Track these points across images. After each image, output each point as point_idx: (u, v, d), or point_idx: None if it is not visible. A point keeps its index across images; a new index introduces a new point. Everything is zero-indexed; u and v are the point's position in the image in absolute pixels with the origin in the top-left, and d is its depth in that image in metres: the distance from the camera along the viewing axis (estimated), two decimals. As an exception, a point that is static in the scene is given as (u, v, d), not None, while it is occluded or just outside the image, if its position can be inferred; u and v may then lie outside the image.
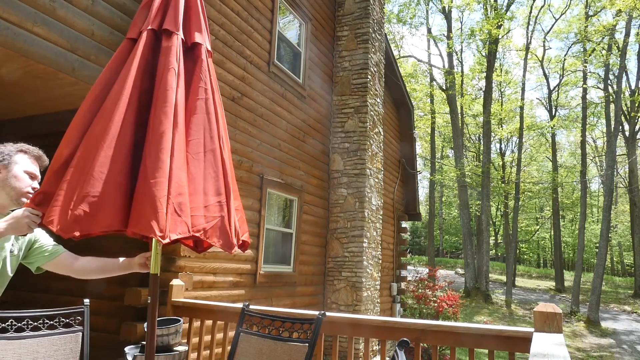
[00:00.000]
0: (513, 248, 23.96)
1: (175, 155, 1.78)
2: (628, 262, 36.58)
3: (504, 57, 30.03)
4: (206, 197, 1.90)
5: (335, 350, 3.13)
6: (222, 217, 1.91)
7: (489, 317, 19.04)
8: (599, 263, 19.17)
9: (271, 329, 2.85)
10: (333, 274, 7.88)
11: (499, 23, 22.45)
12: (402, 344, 1.92)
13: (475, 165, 26.27)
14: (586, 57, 23.79)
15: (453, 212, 37.84)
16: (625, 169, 27.89)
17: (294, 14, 7.47)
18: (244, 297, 5.64)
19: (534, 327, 2.44)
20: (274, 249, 6.70)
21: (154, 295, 1.99)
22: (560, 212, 30.55)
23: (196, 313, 3.65)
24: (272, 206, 6.71)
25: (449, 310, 10.60)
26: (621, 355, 14.65)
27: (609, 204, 19.79)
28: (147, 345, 1.97)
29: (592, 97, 28.68)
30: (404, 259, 12.58)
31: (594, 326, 18.14)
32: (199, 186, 1.89)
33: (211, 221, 1.87)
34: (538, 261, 43.75)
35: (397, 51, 27.81)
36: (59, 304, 2.95)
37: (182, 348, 3.23)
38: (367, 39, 8.35)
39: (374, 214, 8.33)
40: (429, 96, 27.84)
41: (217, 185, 1.95)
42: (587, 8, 23.17)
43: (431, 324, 2.84)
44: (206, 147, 1.96)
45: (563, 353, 1.73)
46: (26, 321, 2.42)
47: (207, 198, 1.90)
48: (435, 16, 43.82)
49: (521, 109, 26.04)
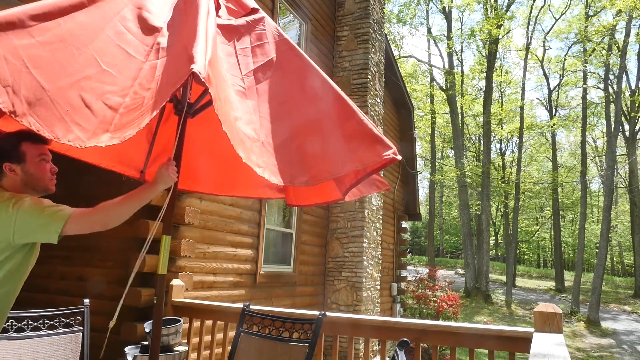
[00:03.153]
0: (513, 248, 23.95)
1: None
2: (628, 262, 36.56)
3: (504, 57, 30.06)
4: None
5: (335, 351, 3.13)
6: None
7: (489, 317, 19.04)
8: (599, 263, 19.16)
9: (271, 329, 2.85)
10: (333, 274, 7.88)
11: (499, 23, 22.45)
12: (402, 344, 1.92)
13: (475, 165, 26.26)
14: (586, 57, 23.79)
15: (453, 212, 37.83)
16: (625, 169, 27.88)
17: (294, 14, 7.47)
18: (244, 297, 5.64)
19: (534, 327, 2.44)
20: (274, 249, 6.70)
21: (160, 296, 1.99)
22: (560, 212, 30.54)
23: (196, 313, 3.65)
24: (272, 206, 6.71)
25: (449, 310, 10.60)
26: (621, 356, 14.65)
27: (609, 204, 19.79)
28: (151, 345, 1.97)
29: (592, 97, 28.71)
30: (404, 259, 12.57)
31: (594, 326, 18.14)
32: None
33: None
34: (538, 261, 43.73)
35: (397, 51, 27.80)
36: (59, 304, 2.95)
37: (182, 348, 3.23)
38: (367, 39, 8.35)
39: (374, 214, 8.33)
40: (429, 96, 27.83)
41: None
42: (587, 8, 23.16)
43: (431, 324, 2.84)
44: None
45: (563, 353, 1.73)
46: (26, 321, 2.43)
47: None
48: (435, 16, 43.83)
49: (521, 109, 26.03)
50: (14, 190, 1.83)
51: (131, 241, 4.33)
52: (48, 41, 1.42)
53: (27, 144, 1.86)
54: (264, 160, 1.53)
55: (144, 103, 1.43)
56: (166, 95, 1.43)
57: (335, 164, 1.62)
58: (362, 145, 1.67)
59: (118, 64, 1.51)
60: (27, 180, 1.86)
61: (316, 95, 1.80)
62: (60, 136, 1.28)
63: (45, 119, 1.28)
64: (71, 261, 4.67)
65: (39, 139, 1.89)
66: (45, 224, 1.70)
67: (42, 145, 1.90)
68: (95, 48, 1.49)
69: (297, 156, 1.62)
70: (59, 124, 1.29)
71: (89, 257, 4.61)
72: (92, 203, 1.85)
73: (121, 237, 4.32)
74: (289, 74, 1.83)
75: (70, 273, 4.71)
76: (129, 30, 1.61)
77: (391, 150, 1.65)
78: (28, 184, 1.86)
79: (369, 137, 1.68)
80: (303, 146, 1.65)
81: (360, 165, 1.64)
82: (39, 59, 1.37)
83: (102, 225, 1.76)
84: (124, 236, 4.25)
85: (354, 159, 1.64)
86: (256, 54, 1.83)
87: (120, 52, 1.55)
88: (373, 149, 1.65)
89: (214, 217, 5.21)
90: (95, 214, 1.76)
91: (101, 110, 1.38)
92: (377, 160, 1.64)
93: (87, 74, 1.43)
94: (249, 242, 5.86)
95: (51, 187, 1.93)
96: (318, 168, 1.60)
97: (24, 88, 1.28)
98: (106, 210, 1.78)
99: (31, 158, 1.86)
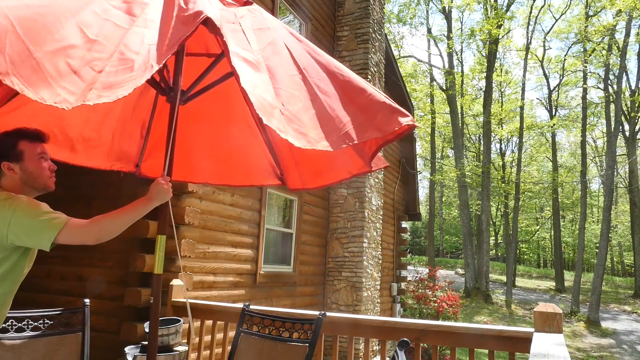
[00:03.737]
0: (513, 248, 23.95)
1: None
2: (628, 262, 36.57)
3: (504, 57, 30.05)
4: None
5: (335, 351, 3.13)
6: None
7: (489, 317, 19.04)
8: (599, 263, 19.16)
9: (271, 329, 2.85)
10: (333, 274, 7.88)
11: (499, 23, 22.45)
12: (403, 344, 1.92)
13: (475, 165, 26.26)
14: (586, 57, 23.78)
15: (453, 212, 37.83)
16: (625, 169, 27.88)
17: (294, 14, 7.47)
18: (244, 297, 5.64)
19: (534, 327, 2.44)
20: (274, 249, 6.70)
21: (157, 296, 1.99)
22: (560, 212, 30.54)
23: (196, 313, 3.65)
24: (272, 206, 6.71)
25: (449, 310, 10.60)
26: (621, 356, 14.65)
27: (609, 204, 19.78)
28: (149, 345, 1.97)
29: (592, 97, 28.71)
30: (404, 259, 12.58)
31: (594, 326, 18.14)
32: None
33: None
34: (538, 261, 43.74)
35: (397, 51, 27.80)
36: (59, 304, 2.96)
37: (182, 348, 3.23)
38: (367, 39, 8.35)
39: (374, 214, 8.33)
40: (429, 96, 27.83)
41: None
42: (587, 8, 23.16)
43: (431, 324, 2.84)
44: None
45: (563, 353, 1.73)
46: (26, 321, 2.42)
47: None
48: (435, 16, 43.86)
49: (521, 109, 26.03)
50: (13, 190, 1.81)
51: (131, 241, 4.33)
52: (37, 5, 1.40)
53: (25, 142, 1.85)
54: (284, 125, 1.51)
55: (135, 67, 1.40)
56: (173, 46, 1.42)
57: (355, 131, 1.60)
58: (379, 114, 1.67)
59: (105, 34, 1.48)
60: (27, 179, 1.84)
61: (327, 71, 1.80)
62: (47, 98, 1.23)
63: (29, 80, 1.23)
64: (71, 261, 4.67)
65: (36, 137, 1.89)
66: (39, 230, 1.68)
67: (39, 144, 1.89)
68: (82, 20, 1.46)
69: (316, 123, 1.60)
70: (44, 86, 1.24)
71: (89, 257, 4.61)
72: (91, 204, 1.85)
73: (121, 237, 4.28)
74: (296, 53, 1.83)
75: (70, 273, 4.71)
76: (115, 7, 1.60)
77: (409, 117, 1.66)
78: (27, 182, 1.85)
79: (385, 107, 1.70)
80: (320, 115, 1.64)
81: (379, 132, 1.64)
82: (26, 21, 1.32)
83: (95, 240, 1.75)
84: (124, 236, 4.22)
85: (373, 126, 1.64)
86: (260, 36, 1.83)
87: (106, 24, 1.52)
88: (391, 117, 1.66)
89: (214, 217, 5.21)
90: (90, 227, 1.75)
91: (89, 75, 1.35)
92: (395, 127, 1.64)
93: (74, 42, 1.39)
94: (249, 242, 5.86)
95: (50, 185, 1.92)
96: (338, 134, 1.59)
97: (9, 47, 1.23)
98: (101, 224, 1.77)
99: (29, 156, 1.85)
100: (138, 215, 1.85)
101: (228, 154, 2.71)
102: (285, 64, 1.76)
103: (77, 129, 2.39)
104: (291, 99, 1.64)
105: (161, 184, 1.89)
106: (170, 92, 2.07)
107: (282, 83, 1.68)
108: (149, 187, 1.91)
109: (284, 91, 1.64)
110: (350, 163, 2.34)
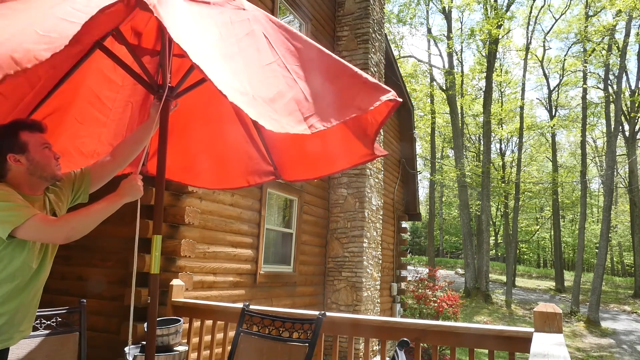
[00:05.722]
0: (513, 248, 23.95)
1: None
2: (628, 262, 36.58)
3: (504, 57, 30.05)
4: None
5: (335, 350, 3.13)
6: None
7: (489, 317, 19.04)
8: (599, 263, 19.16)
9: (271, 329, 2.85)
10: (333, 274, 7.88)
11: (499, 23, 22.45)
12: (402, 344, 1.92)
13: (475, 165, 26.27)
14: (586, 57, 23.78)
15: (453, 212, 37.83)
16: (625, 169, 27.88)
17: (294, 14, 7.47)
18: (244, 297, 5.64)
19: (534, 327, 2.44)
20: (274, 249, 6.70)
21: (154, 295, 1.99)
22: (560, 212, 30.55)
23: (196, 313, 3.65)
24: (272, 206, 6.71)
25: (449, 310, 10.60)
26: (621, 356, 14.65)
27: (609, 204, 19.79)
28: (147, 345, 1.97)
29: (592, 97, 28.71)
30: (404, 259, 12.58)
31: (593, 326, 18.14)
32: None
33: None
34: (538, 261, 43.74)
35: (397, 51, 27.80)
36: (59, 303, 2.95)
37: (182, 348, 3.23)
38: (367, 39, 8.35)
39: (374, 214, 8.33)
40: (429, 96, 27.83)
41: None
42: (587, 8, 23.16)
43: (431, 324, 2.84)
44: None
45: (563, 353, 1.73)
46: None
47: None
48: (435, 16, 43.85)
49: (521, 109, 26.04)
50: (20, 182, 1.80)
51: (131, 241, 4.31)
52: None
53: (26, 132, 1.83)
54: (257, 111, 1.45)
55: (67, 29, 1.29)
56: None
57: (334, 113, 1.55)
58: (360, 93, 1.63)
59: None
60: (34, 169, 1.82)
61: (306, 57, 1.75)
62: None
63: None
64: (71, 261, 4.67)
65: (35, 127, 1.88)
66: (1, 219, 1.65)
67: (40, 134, 1.88)
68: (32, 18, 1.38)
69: (294, 108, 1.56)
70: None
71: (89, 257, 4.60)
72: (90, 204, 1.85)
73: (121, 237, 4.32)
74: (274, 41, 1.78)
75: (70, 273, 4.71)
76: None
77: (390, 92, 1.61)
78: (35, 173, 1.83)
79: (366, 85, 1.65)
80: (298, 99, 1.59)
81: (359, 111, 1.59)
82: None
83: (64, 238, 1.73)
84: (124, 236, 4.25)
85: (353, 106, 1.59)
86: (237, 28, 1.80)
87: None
88: (372, 94, 1.61)
89: (214, 217, 5.21)
90: (60, 225, 1.74)
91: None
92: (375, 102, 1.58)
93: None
94: (249, 242, 5.86)
95: (58, 173, 1.91)
96: (316, 118, 1.53)
97: None
98: (71, 223, 1.75)
99: (34, 147, 1.83)
100: (109, 212, 1.83)
101: (220, 156, 2.74)
102: (262, 53, 1.73)
103: (91, 146, 2.46)
104: (265, 86, 1.60)
105: (134, 181, 1.89)
106: (159, 90, 2.09)
107: (257, 72, 1.65)
108: (121, 183, 1.90)
109: (257, 79, 1.61)
110: (350, 152, 2.33)
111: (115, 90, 2.39)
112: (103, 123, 2.42)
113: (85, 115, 2.35)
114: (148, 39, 2.27)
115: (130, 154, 2.18)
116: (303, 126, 1.50)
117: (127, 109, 2.47)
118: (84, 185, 2.08)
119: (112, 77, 2.34)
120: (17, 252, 1.76)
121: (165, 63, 2.10)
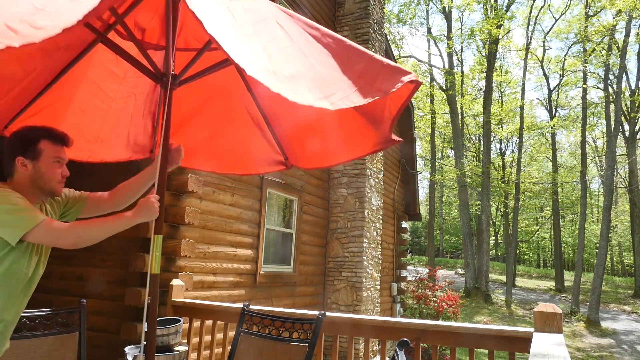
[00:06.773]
0: (513, 248, 23.95)
1: None
2: (628, 262, 36.58)
3: (504, 57, 30.06)
4: None
5: (335, 350, 3.13)
6: None
7: (489, 317, 19.03)
8: (599, 263, 19.16)
9: (271, 329, 2.85)
10: (333, 274, 7.88)
11: (499, 23, 22.45)
12: (402, 344, 1.92)
13: (475, 165, 26.25)
14: (586, 57, 23.78)
15: (453, 212, 37.84)
16: (625, 169, 27.88)
17: (294, 14, 7.47)
18: (244, 297, 5.64)
19: (534, 327, 2.44)
20: (274, 249, 6.70)
21: (154, 296, 1.98)
22: (560, 212, 30.54)
23: (196, 313, 3.65)
24: (272, 206, 6.71)
25: (449, 310, 10.60)
26: (621, 356, 14.65)
27: (609, 204, 19.78)
28: (147, 345, 1.97)
29: (592, 97, 28.73)
30: (404, 259, 12.58)
31: (593, 326, 18.14)
32: None
33: None
34: (538, 261, 43.75)
35: (397, 51, 27.80)
36: (58, 304, 2.96)
37: (182, 348, 3.24)
38: (367, 39, 8.35)
39: (374, 214, 8.33)
40: (429, 96, 27.83)
41: None
42: (587, 8, 23.15)
43: (431, 324, 2.84)
44: None
45: (563, 353, 1.73)
46: (23, 321, 2.42)
47: None
48: (435, 16, 43.88)
49: (521, 109, 26.04)
50: (21, 187, 1.80)
51: (131, 241, 4.33)
52: None
53: (46, 142, 1.84)
54: (278, 85, 1.42)
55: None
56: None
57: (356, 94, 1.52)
58: (379, 75, 1.60)
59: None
60: (36, 179, 1.82)
61: (322, 42, 1.74)
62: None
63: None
64: (71, 261, 4.67)
65: (60, 139, 1.88)
66: (11, 224, 1.65)
67: (60, 147, 1.88)
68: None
69: (314, 87, 1.54)
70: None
71: (89, 257, 4.60)
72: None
73: (121, 237, 4.30)
74: (288, 28, 1.78)
75: (70, 273, 4.72)
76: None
77: (411, 74, 1.58)
78: (36, 182, 1.83)
79: (386, 68, 1.63)
80: (318, 80, 1.57)
81: (381, 93, 1.56)
82: None
83: (71, 244, 1.73)
84: (124, 236, 4.23)
85: (374, 89, 1.55)
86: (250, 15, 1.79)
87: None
88: (392, 76, 1.58)
89: (214, 217, 5.21)
90: (68, 232, 1.73)
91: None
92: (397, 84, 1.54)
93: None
94: (249, 242, 5.86)
95: (58, 191, 1.90)
96: (338, 97, 1.51)
97: None
98: (79, 231, 1.75)
99: (46, 157, 1.83)
100: (120, 228, 1.82)
101: (230, 144, 2.75)
102: (279, 38, 1.72)
103: (94, 132, 2.48)
104: (285, 65, 1.59)
105: (151, 202, 1.86)
106: (162, 78, 2.08)
107: (276, 53, 1.63)
108: (138, 202, 1.88)
109: (276, 59, 1.59)
110: (364, 139, 2.30)
111: (118, 82, 2.40)
112: (106, 112, 2.44)
113: (88, 105, 2.39)
114: (152, 34, 2.27)
115: (127, 200, 2.20)
116: (326, 102, 1.48)
117: (129, 100, 2.48)
118: (75, 208, 2.07)
119: (114, 70, 2.35)
120: (20, 258, 1.75)
121: (169, 51, 2.09)
